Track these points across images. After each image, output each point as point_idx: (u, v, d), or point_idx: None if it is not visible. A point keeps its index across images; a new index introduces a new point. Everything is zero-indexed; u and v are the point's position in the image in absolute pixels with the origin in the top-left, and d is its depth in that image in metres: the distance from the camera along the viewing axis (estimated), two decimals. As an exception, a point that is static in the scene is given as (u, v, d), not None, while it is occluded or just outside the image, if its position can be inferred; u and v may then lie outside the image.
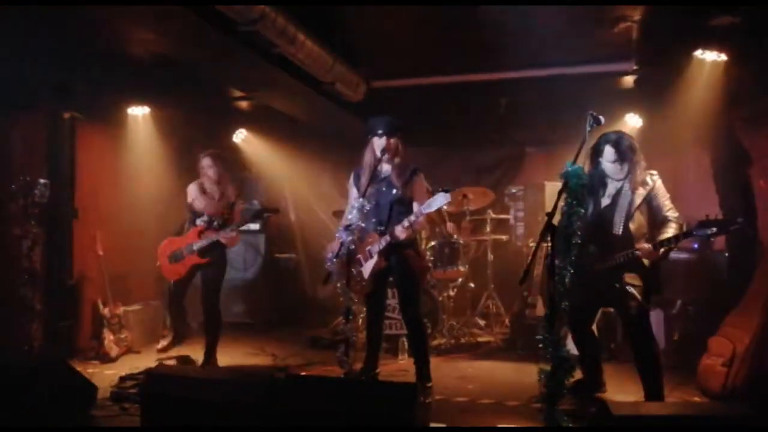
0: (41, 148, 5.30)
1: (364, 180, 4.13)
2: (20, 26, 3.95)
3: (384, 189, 4.15)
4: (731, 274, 5.22)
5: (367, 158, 4.16)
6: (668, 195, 3.80)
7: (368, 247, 4.12)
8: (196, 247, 4.84)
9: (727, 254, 5.38)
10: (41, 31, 4.05)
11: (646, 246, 3.62)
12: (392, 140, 4.08)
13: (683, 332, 5.34)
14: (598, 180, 3.88)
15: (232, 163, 5.16)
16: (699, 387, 4.26)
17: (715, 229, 3.48)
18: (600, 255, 3.79)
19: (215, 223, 4.85)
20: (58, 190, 5.19)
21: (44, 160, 5.28)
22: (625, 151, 3.75)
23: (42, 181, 4.57)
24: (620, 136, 3.81)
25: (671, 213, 3.73)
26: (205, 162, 4.95)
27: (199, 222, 4.90)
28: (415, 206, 4.08)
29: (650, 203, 3.78)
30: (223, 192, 4.99)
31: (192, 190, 5.03)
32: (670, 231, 3.65)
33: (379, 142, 4.08)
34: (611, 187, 3.89)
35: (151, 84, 5.36)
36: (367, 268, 4.12)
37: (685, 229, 3.65)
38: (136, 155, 6.12)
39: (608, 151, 3.79)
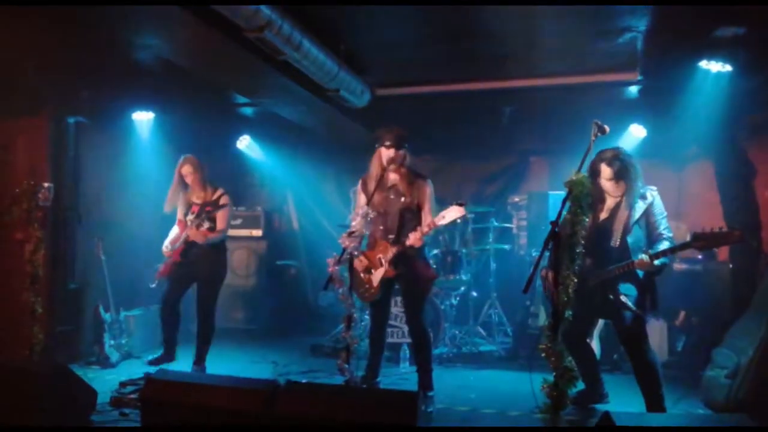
0: (46, 153, 5.31)
1: (371, 187, 4.13)
2: (26, 31, 3.97)
3: (392, 197, 4.15)
4: (735, 285, 5.20)
5: (374, 168, 4.17)
6: (665, 213, 3.81)
7: (379, 255, 4.11)
8: (177, 245, 4.88)
9: (731, 265, 5.35)
10: (46, 36, 4.07)
11: (643, 257, 3.60)
12: (400, 152, 4.09)
13: (687, 343, 5.31)
14: (597, 195, 3.87)
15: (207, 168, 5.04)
16: (703, 399, 4.23)
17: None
18: (596, 267, 3.78)
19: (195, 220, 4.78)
20: (62, 195, 5.20)
21: (48, 164, 5.29)
22: (620, 169, 3.75)
23: (46, 185, 4.57)
24: (616, 154, 3.79)
25: (666, 232, 3.74)
26: (186, 169, 4.89)
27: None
28: (425, 215, 4.09)
29: (648, 219, 3.77)
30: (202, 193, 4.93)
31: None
32: (665, 245, 3.65)
33: (386, 153, 4.09)
34: (610, 202, 3.89)
35: (155, 90, 5.38)
36: (377, 276, 4.11)
37: (689, 238, 3.63)
38: (140, 160, 6.13)
39: (605, 170, 3.79)
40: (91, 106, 5.42)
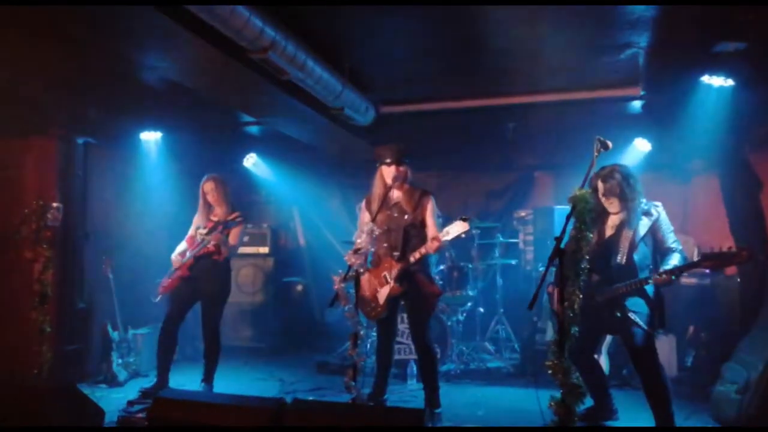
0: (54, 172, 5.38)
1: (374, 207, 4.15)
2: (34, 52, 4.03)
3: (395, 214, 4.17)
4: (744, 300, 5.16)
5: (377, 187, 4.20)
6: (672, 227, 3.79)
7: (384, 273, 4.12)
8: (185, 259, 4.80)
9: (739, 279, 5.32)
10: (55, 57, 4.14)
11: (662, 275, 3.54)
12: (401, 168, 4.12)
13: (696, 358, 5.26)
14: (602, 211, 3.87)
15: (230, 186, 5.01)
16: (713, 415, 4.19)
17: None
18: (602, 285, 3.77)
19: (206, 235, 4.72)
20: (70, 214, 5.25)
21: (57, 184, 5.36)
22: (612, 187, 3.76)
23: (55, 204, 4.62)
24: (610, 171, 3.80)
25: (675, 245, 3.72)
26: (207, 186, 4.87)
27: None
28: (430, 231, 4.09)
29: (654, 235, 3.76)
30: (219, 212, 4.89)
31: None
32: (677, 259, 3.63)
33: (388, 171, 4.12)
34: (615, 218, 3.88)
35: (163, 110, 5.45)
36: (383, 293, 4.12)
37: (696, 256, 3.61)
38: (148, 180, 6.19)
39: (600, 187, 3.81)
40: (100, 127, 5.49)
